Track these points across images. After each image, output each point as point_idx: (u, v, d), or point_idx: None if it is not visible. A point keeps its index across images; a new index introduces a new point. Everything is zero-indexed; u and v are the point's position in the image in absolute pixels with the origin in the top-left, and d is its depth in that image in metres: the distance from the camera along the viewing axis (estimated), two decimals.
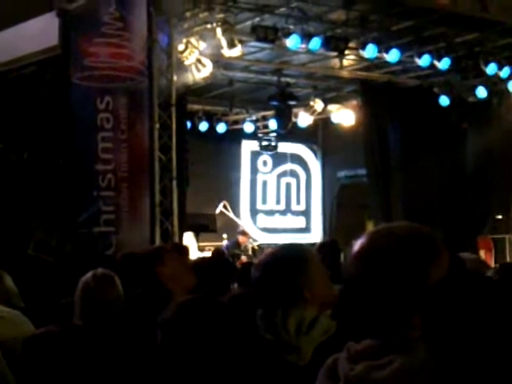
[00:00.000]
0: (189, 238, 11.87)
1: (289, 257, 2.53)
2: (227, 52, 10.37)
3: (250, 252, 13.34)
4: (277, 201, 17.66)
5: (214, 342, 2.36)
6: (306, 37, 10.66)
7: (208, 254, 11.28)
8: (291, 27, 10.63)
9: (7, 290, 4.58)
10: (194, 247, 12.37)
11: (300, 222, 17.91)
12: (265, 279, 2.49)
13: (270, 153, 16.58)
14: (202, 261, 5.61)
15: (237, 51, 10.44)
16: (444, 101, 13.97)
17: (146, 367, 3.13)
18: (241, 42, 10.49)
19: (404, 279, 1.55)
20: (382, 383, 1.50)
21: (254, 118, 15.82)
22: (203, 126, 15.16)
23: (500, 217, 14.10)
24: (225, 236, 13.75)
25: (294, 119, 14.68)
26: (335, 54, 11.59)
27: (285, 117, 13.81)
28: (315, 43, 10.75)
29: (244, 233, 13.82)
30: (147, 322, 3.54)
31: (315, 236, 17.33)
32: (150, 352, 3.27)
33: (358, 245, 1.61)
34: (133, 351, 3.43)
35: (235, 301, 3.07)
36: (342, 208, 16.82)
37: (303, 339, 2.42)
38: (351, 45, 11.21)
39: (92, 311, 3.87)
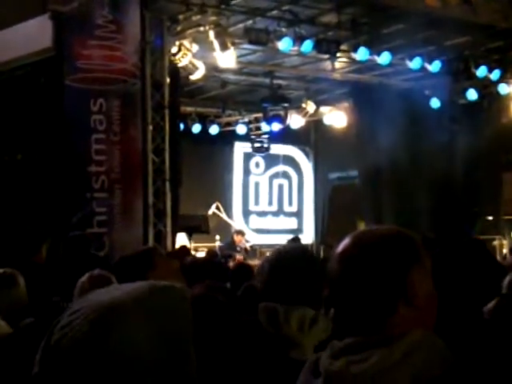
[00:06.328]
0: (182, 239, 11.91)
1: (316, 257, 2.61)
2: (220, 54, 10.43)
3: (244, 252, 13.32)
4: (269, 202, 17.71)
5: (217, 333, 2.37)
6: (298, 39, 10.73)
7: (201, 254, 11.33)
8: (283, 30, 10.69)
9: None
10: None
11: (292, 223, 17.96)
12: (290, 276, 2.55)
13: (262, 154, 16.62)
14: (194, 263, 5.66)
15: (229, 54, 10.49)
16: (435, 103, 14.05)
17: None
18: (233, 44, 10.55)
19: (382, 279, 1.60)
20: (360, 377, 1.53)
21: (246, 119, 15.89)
22: (196, 128, 15.21)
23: (490, 218, 14.18)
24: (217, 237, 13.77)
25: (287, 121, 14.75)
26: (327, 56, 11.66)
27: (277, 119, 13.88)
28: (307, 46, 10.82)
29: (240, 232, 13.77)
30: None
31: (307, 237, 17.39)
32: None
33: (340, 246, 1.67)
34: None
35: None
36: (333, 209, 16.88)
37: (305, 335, 2.46)
38: (343, 47, 11.29)
39: None
